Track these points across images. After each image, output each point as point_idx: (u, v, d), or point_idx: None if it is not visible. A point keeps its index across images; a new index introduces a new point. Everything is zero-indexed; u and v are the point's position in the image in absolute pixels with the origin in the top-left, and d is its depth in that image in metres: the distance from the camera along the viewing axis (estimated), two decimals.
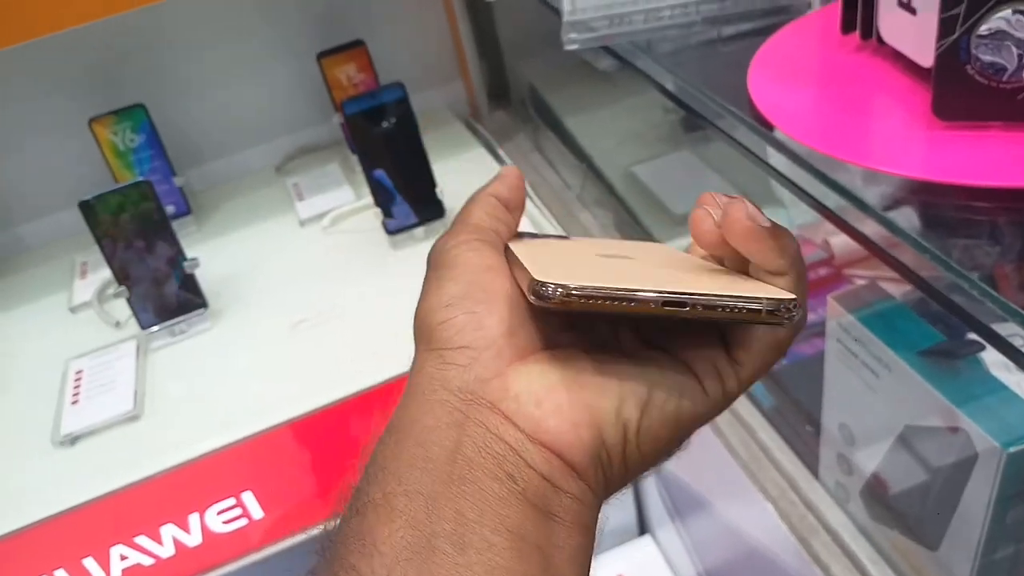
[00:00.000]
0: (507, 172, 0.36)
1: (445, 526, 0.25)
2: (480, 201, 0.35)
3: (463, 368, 0.28)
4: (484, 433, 0.26)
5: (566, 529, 0.26)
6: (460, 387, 0.27)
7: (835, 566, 0.57)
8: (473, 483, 0.26)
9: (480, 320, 0.28)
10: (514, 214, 0.35)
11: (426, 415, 0.27)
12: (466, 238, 0.32)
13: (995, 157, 0.46)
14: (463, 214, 0.34)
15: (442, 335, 0.29)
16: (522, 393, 0.27)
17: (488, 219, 0.34)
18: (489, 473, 0.26)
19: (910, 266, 0.43)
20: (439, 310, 0.29)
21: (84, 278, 1.01)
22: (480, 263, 0.30)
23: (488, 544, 0.25)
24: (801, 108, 0.56)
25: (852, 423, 0.55)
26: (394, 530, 0.25)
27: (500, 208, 0.35)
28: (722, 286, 0.26)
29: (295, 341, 0.86)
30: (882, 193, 0.49)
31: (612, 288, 0.25)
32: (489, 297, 0.29)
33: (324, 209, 1.03)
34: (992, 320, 0.38)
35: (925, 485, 0.49)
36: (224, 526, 0.75)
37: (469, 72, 1.19)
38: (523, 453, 0.26)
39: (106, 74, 1.03)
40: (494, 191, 0.35)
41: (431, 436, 0.27)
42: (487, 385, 0.27)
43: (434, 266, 0.32)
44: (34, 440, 0.80)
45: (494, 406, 0.27)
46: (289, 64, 1.10)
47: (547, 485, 0.26)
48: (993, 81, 0.45)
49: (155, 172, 1.03)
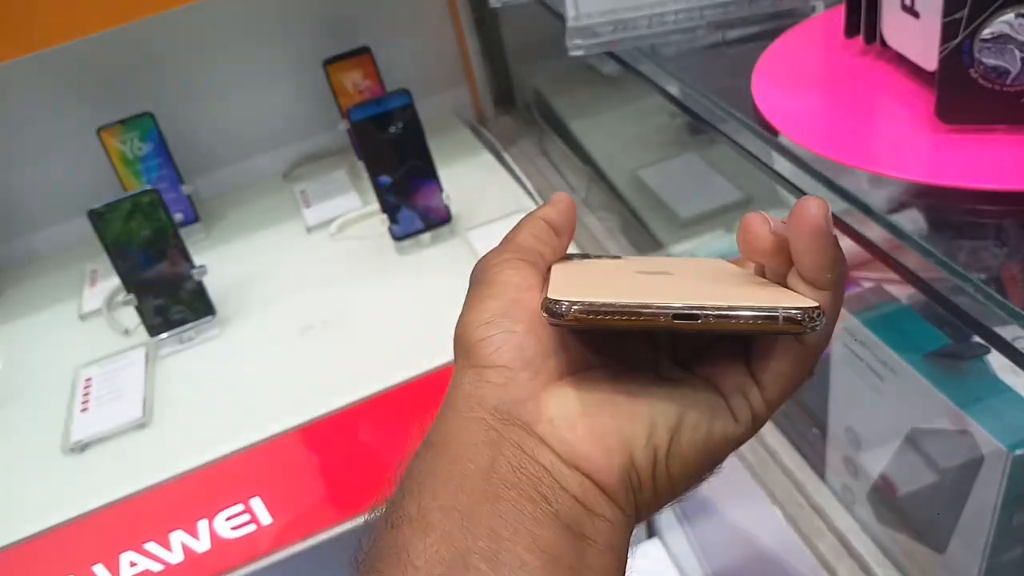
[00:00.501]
0: (558, 197, 0.36)
1: (479, 543, 0.25)
2: (528, 223, 0.35)
3: (499, 387, 0.28)
4: (519, 454, 0.27)
5: (598, 551, 0.27)
6: (496, 406, 0.28)
7: (842, 569, 0.57)
8: (508, 502, 0.26)
9: (518, 340, 0.29)
10: (562, 238, 0.35)
11: (462, 432, 0.28)
12: (509, 257, 0.32)
13: (999, 160, 0.46)
14: (511, 234, 0.34)
15: (480, 352, 0.29)
16: (556, 417, 0.27)
17: (534, 240, 0.34)
18: (523, 493, 0.26)
19: (915, 270, 0.43)
20: (479, 327, 0.29)
21: (94, 286, 1.02)
22: (521, 282, 0.31)
23: (522, 562, 0.25)
24: (805, 112, 0.56)
25: (858, 426, 0.55)
26: (428, 544, 0.26)
27: (548, 231, 0.34)
28: (744, 296, 0.25)
29: (303, 347, 0.87)
30: (886, 197, 0.49)
31: (621, 304, 0.25)
32: (528, 317, 0.29)
33: (331, 216, 1.03)
34: (997, 323, 0.39)
35: (931, 488, 0.49)
36: (233, 532, 0.75)
37: (475, 77, 1.19)
38: (557, 476, 0.27)
39: (114, 83, 1.04)
40: (544, 214, 0.35)
41: (467, 453, 0.27)
42: (522, 406, 0.28)
43: (476, 282, 0.32)
44: (44, 447, 0.81)
45: (529, 427, 0.27)
46: (295, 71, 1.11)
47: (580, 508, 0.27)
48: (996, 84, 0.45)
49: (163, 180, 1.04)
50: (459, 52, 1.18)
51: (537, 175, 1.08)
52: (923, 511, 0.51)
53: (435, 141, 0.93)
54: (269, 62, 1.10)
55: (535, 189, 1.02)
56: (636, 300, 0.25)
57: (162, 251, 0.86)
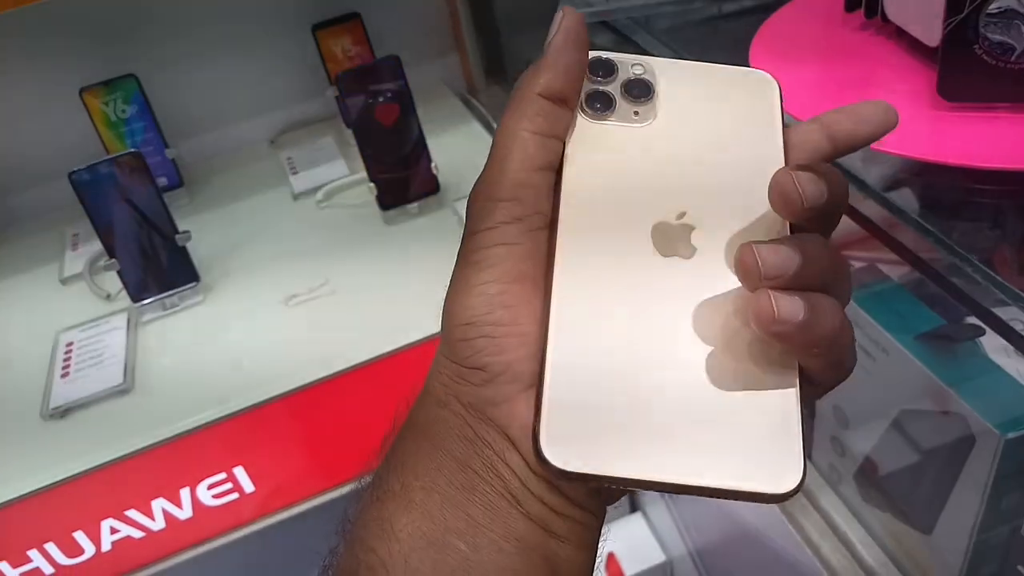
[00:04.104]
0: (566, 22, 0.28)
1: (459, 524, 0.26)
2: (523, 124, 0.28)
3: (475, 387, 0.27)
4: (491, 454, 0.27)
5: (570, 547, 0.28)
6: (472, 403, 0.27)
7: (826, 547, 0.57)
8: (482, 494, 0.27)
9: (499, 344, 0.27)
10: (571, 102, 0.29)
11: (441, 422, 0.28)
12: (504, 219, 0.27)
13: (1001, 139, 0.45)
14: (500, 152, 0.28)
15: (460, 352, 0.28)
16: (528, 424, 0.27)
17: (538, 159, 0.28)
18: (495, 491, 0.27)
19: (910, 247, 0.42)
20: (459, 326, 0.28)
21: (76, 250, 1.00)
22: (512, 268, 0.27)
23: (499, 548, 0.26)
24: (803, 87, 0.55)
25: (846, 405, 0.55)
26: (411, 519, 0.27)
27: (552, 115, 0.28)
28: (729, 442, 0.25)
29: (287, 315, 0.86)
30: (884, 174, 0.48)
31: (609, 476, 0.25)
32: (513, 316, 0.27)
33: (318, 183, 1.02)
34: (992, 304, 0.38)
35: (919, 469, 0.49)
36: (215, 500, 0.74)
37: (466, 46, 1.17)
38: (526, 481, 0.27)
39: (97, 44, 1.01)
40: (544, 88, 0.28)
41: (444, 443, 0.27)
42: (497, 408, 0.27)
43: (464, 255, 0.28)
44: (24, 413, 0.79)
45: (502, 430, 0.27)
46: (284, 36, 1.09)
47: (548, 510, 0.27)
48: (1001, 61, 0.44)
49: (147, 144, 1.02)
50: (450, 20, 1.16)
51: None
52: (910, 492, 0.51)
53: (424, 110, 0.92)
54: (257, 26, 1.08)
55: None
56: (631, 475, 0.25)
57: (145, 216, 0.85)
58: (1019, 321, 0.38)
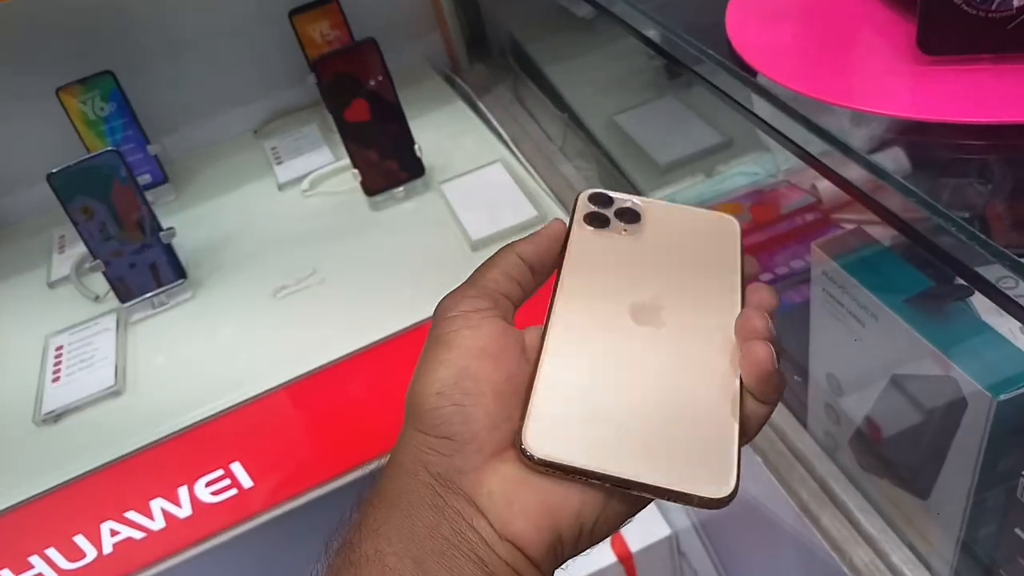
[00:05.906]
0: (547, 231, 0.36)
1: None
2: (502, 258, 0.35)
3: (445, 457, 0.30)
4: (459, 520, 0.29)
5: None
6: (440, 473, 0.30)
7: (824, 516, 0.57)
8: (451, 559, 0.29)
9: (466, 414, 0.30)
10: (537, 277, 0.36)
11: (410, 492, 0.30)
12: (468, 309, 0.33)
13: (984, 92, 0.44)
14: (482, 268, 0.35)
15: (429, 421, 0.30)
16: (495, 492, 0.30)
17: (503, 281, 0.34)
18: (463, 554, 0.29)
19: (896, 211, 0.41)
20: (429, 396, 0.31)
21: (62, 252, 0.99)
22: (474, 346, 0.31)
23: None
24: (780, 48, 0.54)
25: (839, 372, 0.54)
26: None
27: (522, 269, 0.35)
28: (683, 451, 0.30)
29: (277, 308, 0.85)
30: (868, 135, 0.47)
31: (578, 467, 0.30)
32: (478, 388, 0.31)
33: (303, 172, 1.01)
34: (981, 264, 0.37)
35: (914, 434, 0.48)
36: (214, 497, 0.74)
37: (447, 23, 1.15)
38: (492, 545, 0.29)
39: (72, 42, 1.00)
40: (522, 250, 0.36)
41: (415, 512, 0.30)
42: (465, 477, 0.30)
43: (432, 339, 0.33)
44: (16, 419, 0.79)
45: (470, 498, 0.29)
46: (261, 24, 1.07)
47: (511, 571, 0.29)
48: (981, 11, 0.43)
49: (129, 141, 1.01)
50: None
51: (512, 123, 1.06)
52: (906, 457, 0.50)
53: (407, 90, 0.91)
54: (234, 15, 1.06)
55: (510, 137, 0.99)
56: (592, 467, 0.30)
57: (128, 215, 0.84)
58: (1010, 278, 0.37)
